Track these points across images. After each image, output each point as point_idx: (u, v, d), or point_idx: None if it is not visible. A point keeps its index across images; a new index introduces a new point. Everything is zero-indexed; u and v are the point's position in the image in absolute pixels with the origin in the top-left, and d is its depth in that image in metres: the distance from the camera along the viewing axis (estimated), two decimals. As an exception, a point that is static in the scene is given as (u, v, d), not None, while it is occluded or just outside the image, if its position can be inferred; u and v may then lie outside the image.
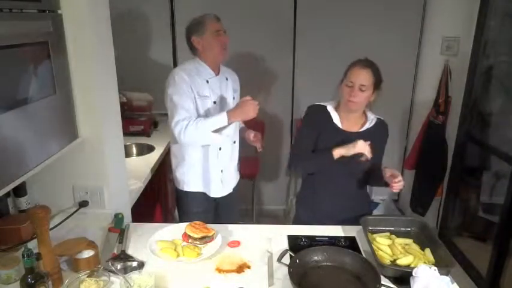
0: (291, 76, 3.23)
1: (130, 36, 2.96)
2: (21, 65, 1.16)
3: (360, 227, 1.54)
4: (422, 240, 1.50)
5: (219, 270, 1.35)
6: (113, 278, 1.23)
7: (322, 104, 1.83)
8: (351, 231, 1.61)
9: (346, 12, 3.13)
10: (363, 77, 1.68)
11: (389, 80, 3.25)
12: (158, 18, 3.09)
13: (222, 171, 1.99)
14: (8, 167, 1.12)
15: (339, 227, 1.65)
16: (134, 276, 1.22)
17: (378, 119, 1.81)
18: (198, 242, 1.46)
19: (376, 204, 3.51)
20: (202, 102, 1.86)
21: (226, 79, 1.97)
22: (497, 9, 2.50)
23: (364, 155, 1.63)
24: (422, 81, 3.23)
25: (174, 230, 1.55)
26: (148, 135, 2.85)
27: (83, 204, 1.65)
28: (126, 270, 1.31)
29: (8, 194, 1.52)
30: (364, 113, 1.81)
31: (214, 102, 1.89)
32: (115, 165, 1.74)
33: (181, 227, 1.54)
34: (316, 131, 1.79)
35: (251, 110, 1.72)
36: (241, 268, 1.36)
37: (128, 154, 2.12)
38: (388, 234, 1.54)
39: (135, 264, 1.35)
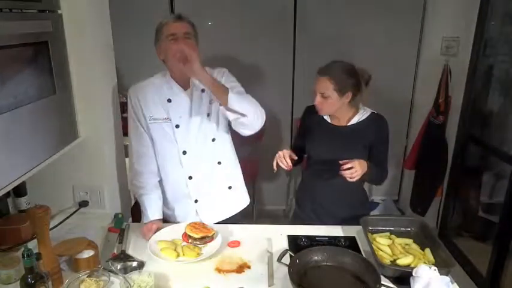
0: (291, 76, 3.23)
1: (131, 36, 2.96)
2: (21, 65, 1.16)
3: (360, 227, 1.54)
4: (422, 240, 1.49)
5: (219, 270, 1.35)
6: (113, 278, 1.23)
7: (313, 104, 1.83)
8: (351, 231, 1.61)
9: (346, 12, 3.13)
10: (321, 86, 1.66)
11: (389, 80, 3.29)
12: (158, 18, 3.09)
13: (196, 200, 1.69)
14: (8, 167, 1.12)
15: (339, 227, 1.65)
16: (134, 276, 1.23)
17: (372, 113, 1.78)
18: (198, 242, 1.46)
19: (376, 204, 3.51)
20: (159, 126, 1.58)
21: (202, 91, 1.58)
22: (497, 9, 2.50)
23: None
24: (422, 81, 3.23)
25: (174, 230, 1.55)
26: (148, 135, 2.84)
27: (83, 204, 1.65)
28: (126, 270, 1.31)
29: (8, 194, 1.52)
30: (356, 107, 1.78)
31: (177, 126, 1.58)
32: (115, 165, 1.74)
33: (182, 227, 1.54)
34: (306, 126, 1.84)
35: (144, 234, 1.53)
36: (241, 268, 1.36)
37: (128, 154, 2.11)
38: (388, 234, 1.54)
39: (135, 264, 1.35)
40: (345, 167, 1.53)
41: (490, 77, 2.61)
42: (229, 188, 1.74)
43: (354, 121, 1.75)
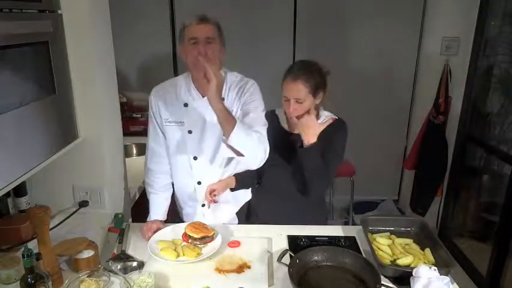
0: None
1: (131, 36, 2.96)
2: (21, 65, 1.16)
3: (360, 227, 1.54)
4: (422, 240, 1.49)
5: (219, 270, 1.35)
6: (113, 278, 1.23)
7: (274, 109, 1.76)
8: (351, 231, 1.61)
9: (346, 12, 3.13)
10: (295, 92, 1.55)
11: (389, 80, 3.29)
12: (158, 17, 3.09)
13: (203, 205, 1.69)
14: (8, 167, 1.12)
15: (339, 227, 1.65)
16: (134, 276, 1.22)
17: (332, 119, 1.66)
18: (198, 242, 1.46)
19: (376, 204, 3.51)
20: (173, 129, 1.58)
21: (222, 99, 1.43)
22: (497, 9, 2.50)
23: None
24: (422, 81, 3.23)
25: (174, 230, 1.55)
26: (148, 135, 2.84)
27: (83, 204, 1.65)
28: (126, 270, 1.31)
29: (8, 194, 1.52)
30: (317, 113, 1.66)
31: (190, 132, 1.56)
32: (115, 165, 1.74)
33: (182, 227, 1.54)
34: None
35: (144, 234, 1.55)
36: (241, 268, 1.36)
37: (127, 154, 2.12)
38: (388, 234, 1.54)
39: (135, 264, 1.35)
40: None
41: (490, 77, 2.62)
42: (232, 190, 1.72)
43: None
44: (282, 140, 1.66)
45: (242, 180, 1.68)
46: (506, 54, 2.51)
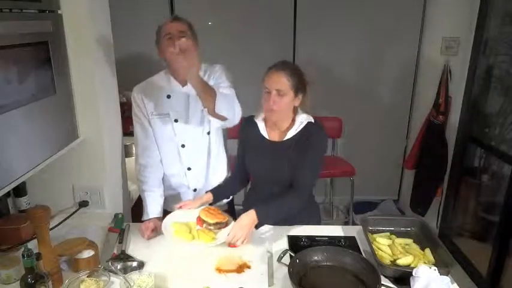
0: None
1: (131, 36, 2.96)
2: (21, 65, 1.16)
3: (360, 227, 1.54)
4: (422, 240, 1.49)
5: (219, 270, 1.35)
6: (113, 278, 1.23)
7: (252, 115, 1.71)
8: (351, 231, 1.61)
9: (346, 12, 3.13)
10: (277, 81, 1.51)
11: (389, 80, 3.29)
12: (158, 18, 3.09)
13: (195, 189, 1.78)
14: (8, 167, 1.12)
15: (339, 227, 1.65)
16: (134, 276, 1.23)
17: (309, 123, 1.60)
18: (212, 227, 1.48)
19: (376, 204, 3.52)
20: (159, 121, 1.66)
21: None
22: (497, 9, 2.50)
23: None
24: (422, 81, 3.23)
25: (188, 214, 1.55)
26: (148, 135, 2.84)
27: (83, 204, 1.65)
28: (126, 270, 1.31)
29: (8, 194, 1.52)
30: (294, 118, 1.62)
31: (176, 121, 1.66)
32: (115, 165, 1.74)
33: (196, 212, 1.54)
34: (245, 143, 1.69)
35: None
36: (241, 268, 1.36)
37: (128, 154, 2.11)
38: (388, 234, 1.54)
39: (135, 264, 1.35)
40: (227, 242, 1.41)
41: (490, 77, 2.61)
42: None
43: (289, 135, 1.60)
44: (265, 148, 1.63)
45: (218, 194, 1.69)
46: (506, 54, 2.51)
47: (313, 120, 1.61)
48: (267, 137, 1.64)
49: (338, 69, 3.24)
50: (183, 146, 1.70)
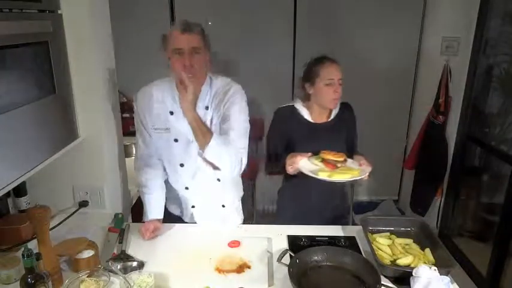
0: (291, 75, 3.23)
1: (131, 36, 2.96)
2: (21, 65, 1.16)
3: (360, 227, 1.54)
4: (422, 240, 1.49)
5: (219, 270, 1.35)
6: (113, 278, 1.23)
7: (289, 104, 1.82)
8: (351, 231, 1.61)
9: (346, 12, 3.13)
10: (339, 71, 1.70)
11: (389, 80, 3.29)
12: (158, 18, 3.09)
13: (193, 206, 1.69)
14: (8, 167, 1.12)
15: (339, 227, 1.65)
16: (134, 276, 1.22)
17: (341, 103, 1.82)
18: (341, 165, 1.61)
19: (376, 204, 3.51)
20: (160, 136, 1.55)
21: (206, 108, 1.51)
22: (497, 9, 2.50)
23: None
24: (422, 81, 3.23)
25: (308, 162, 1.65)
26: (148, 135, 2.84)
27: (83, 204, 1.65)
28: (126, 270, 1.31)
29: (8, 194, 1.52)
30: None
31: (176, 140, 1.54)
32: (115, 165, 1.74)
33: (312, 160, 1.65)
34: (287, 130, 1.76)
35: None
36: (241, 268, 1.36)
37: (127, 154, 2.11)
38: (388, 234, 1.54)
39: (135, 264, 1.35)
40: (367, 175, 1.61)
41: (490, 77, 2.62)
42: (223, 206, 1.70)
43: (333, 114, 1.79)
44: (314, 131, 1.76)
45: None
46: (506, 54, 2.51)
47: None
48: (312, 121, 1.77)
49: (338, 69, 3.24)
50: (181, 165, 1.58)
